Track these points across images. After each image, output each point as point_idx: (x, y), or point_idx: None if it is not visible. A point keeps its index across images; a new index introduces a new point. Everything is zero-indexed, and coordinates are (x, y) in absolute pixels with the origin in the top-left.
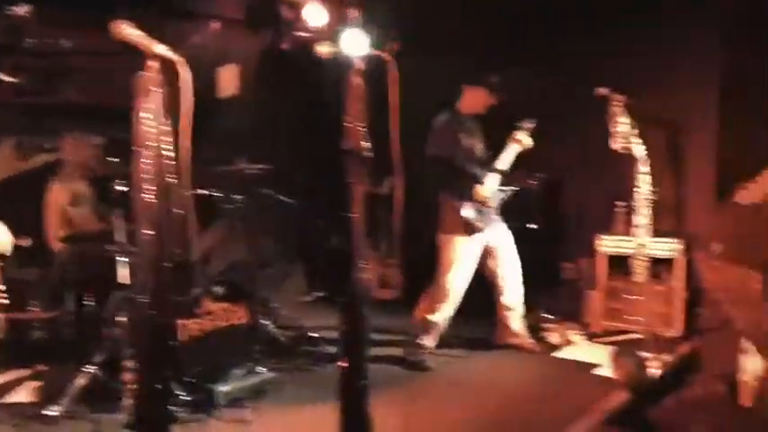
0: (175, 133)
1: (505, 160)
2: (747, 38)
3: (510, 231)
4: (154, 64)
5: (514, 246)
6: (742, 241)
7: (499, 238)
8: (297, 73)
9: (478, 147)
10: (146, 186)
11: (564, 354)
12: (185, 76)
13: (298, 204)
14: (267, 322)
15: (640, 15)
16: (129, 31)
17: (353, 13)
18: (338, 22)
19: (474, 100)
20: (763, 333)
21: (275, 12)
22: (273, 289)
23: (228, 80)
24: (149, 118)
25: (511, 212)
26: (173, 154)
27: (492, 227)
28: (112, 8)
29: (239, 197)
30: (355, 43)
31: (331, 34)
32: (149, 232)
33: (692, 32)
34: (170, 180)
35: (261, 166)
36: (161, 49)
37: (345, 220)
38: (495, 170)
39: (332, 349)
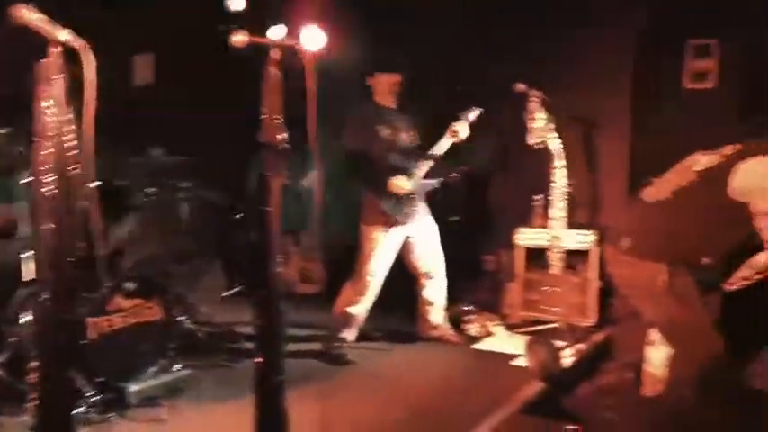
0: (79, 123)
1: (438, 151)
2: (660, 39)
3: (435, 224)
4: (56, 50)
5: (438, 238)
6: (649, 237)
7: (422, 231)
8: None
9: (403, 137)
10: (46, 178)
11: (484, 345)
12: (89, 63)
13: (215, 197)
14: (183, 318)
15: (557, 15)
16: (30, 16)
17: (272, 2)
18: (257, 11)
19: (381, 87)
20: (670, 323)
21: None
22: (190, 284)
23: (144, 68)
24: (51, 106)
25: (433, 205)
26: (75, 144)
27: (415, 219)
28: None
29: (152, 189)
30: (274, 33)
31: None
32: (50, 225)
33: (606, 32)
34: (72, 171)
35: (176, 157)
36: (64, 34)
37: (262, 214)
38: (425, 159)
39: (250, 345)
